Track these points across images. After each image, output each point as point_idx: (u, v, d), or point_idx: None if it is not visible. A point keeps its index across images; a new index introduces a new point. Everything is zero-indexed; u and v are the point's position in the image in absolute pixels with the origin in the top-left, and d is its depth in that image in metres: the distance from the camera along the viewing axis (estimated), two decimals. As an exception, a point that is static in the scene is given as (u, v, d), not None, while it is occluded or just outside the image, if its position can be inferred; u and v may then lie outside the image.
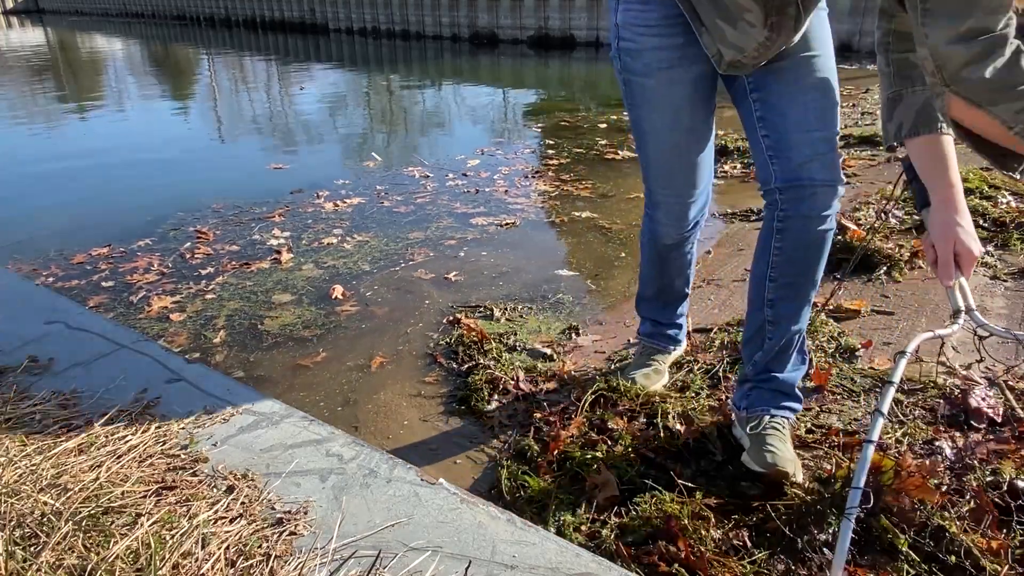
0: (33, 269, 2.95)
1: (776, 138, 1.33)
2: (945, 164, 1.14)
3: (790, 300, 1.41)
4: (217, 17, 21.41)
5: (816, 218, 1.33)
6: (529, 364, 1.98)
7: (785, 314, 1.41)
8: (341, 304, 2.55)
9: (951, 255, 1.12)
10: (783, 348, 1.44)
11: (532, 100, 7.59)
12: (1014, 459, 1.34)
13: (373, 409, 1.88)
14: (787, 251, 1.36)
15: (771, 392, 1.47)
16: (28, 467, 1.26)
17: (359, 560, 1.11)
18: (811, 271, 1.38)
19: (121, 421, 1.47)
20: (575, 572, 1.08)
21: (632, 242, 3.02)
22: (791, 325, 1.42)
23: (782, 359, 1.46)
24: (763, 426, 1.43)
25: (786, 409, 1.47)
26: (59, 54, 14.63)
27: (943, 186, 1.14)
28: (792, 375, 1.48)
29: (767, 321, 1.44)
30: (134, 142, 5.77)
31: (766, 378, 1.47)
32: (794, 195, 1.32)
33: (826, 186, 1.30)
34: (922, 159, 1.18)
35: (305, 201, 3.83)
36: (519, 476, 1.48)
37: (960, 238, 1.11)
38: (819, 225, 1.33)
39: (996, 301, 2.04)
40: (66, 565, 1.03)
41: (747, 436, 1.43)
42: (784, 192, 1.33)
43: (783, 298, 1.40)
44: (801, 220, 1.33)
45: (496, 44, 13.19)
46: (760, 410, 1.46)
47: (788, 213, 1.34)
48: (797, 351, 1.47)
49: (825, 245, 1.36)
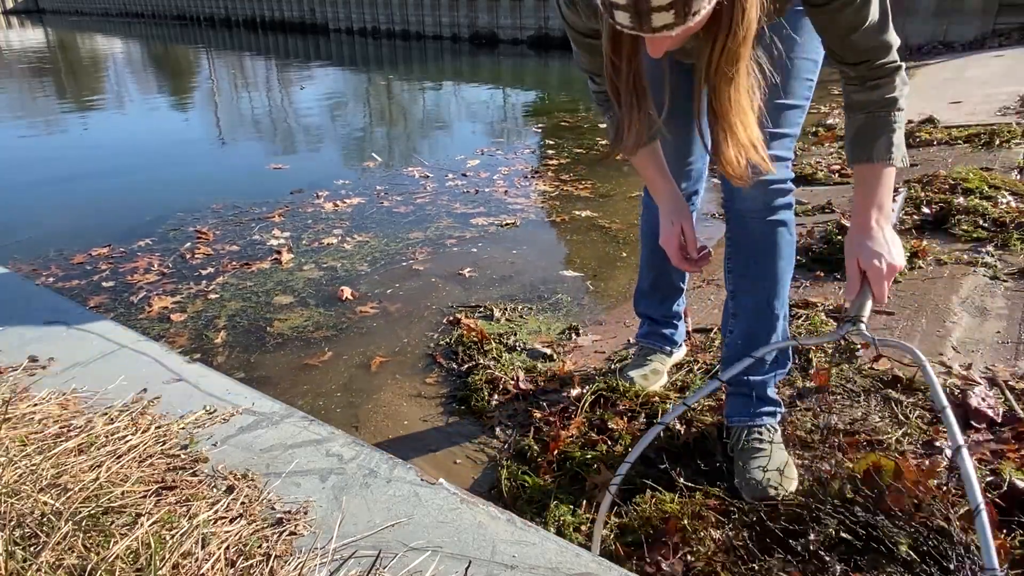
0: (33, 269, 2.95)
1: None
2: (860, 189, 1.20)
3: (747, 292, 1.42)
4: (217, 17, 21.41)
5: (749, 214, 1.36)
6: (529, 364, 1.98)
7: (745, 307, 1.43)
8: (342, 304, 2.55)
9: (856, 271, 1.17)
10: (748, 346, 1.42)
11: (532, 100, 7.59)
12: (1014, 459, 1.34)
13: (373, 409, 1.88)
14: (734, 241, 1.42)
15: (743, 398, 1.47)
16: (28, 467, 1.26)
17: (359, 560, 1.11)
18: (762, 264, 1.39)
19: (121, 421, 1.47)
20: (575, 572, 1.08)
21: (632, 242, 3.02)
22: (754, 321, 1.42)
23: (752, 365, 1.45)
24: (742, 444, 1.43)
25: (763, 416, 1.46)
26: (59, 54, 14.63)
27: (856, 210, 1.21)
28: (763, 378, 1.46)
29: (731, 314, 1.47)
30: (134, 142, 5.77)
31: (738, 380, 1.46)
32: (726, 188, 1.38)
33: (753, 183, 1.29)
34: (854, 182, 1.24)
35: (305, 201, 3.83)
36: (519, 476, 1.48)
37: (862, 256, 1.16)
38: (756, 221, 1.35)
39: (996, 301, 2.04)
40: (66, 565, 1.03)
41: (733, 453, 1.44)
42: (722, 183, 1.38)
43: (741, 290, 1.44)
44: (736, 214, 1.39)
45: (496, 44, 13.19)
46: (737, 421, 1.46)
47: (727, 207, 1.41)
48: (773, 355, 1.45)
49: (772, 241, 1.37)
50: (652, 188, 1.42)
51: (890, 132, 1.14)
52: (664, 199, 1.39)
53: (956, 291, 2.12)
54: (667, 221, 1.39)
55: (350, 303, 2.56)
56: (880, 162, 1.16)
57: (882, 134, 1.15)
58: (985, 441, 1.42)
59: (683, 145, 1.55)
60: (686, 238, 1.38)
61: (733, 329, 1.47)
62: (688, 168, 1.60)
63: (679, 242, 1.38)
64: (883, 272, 1.14)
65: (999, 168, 3.13)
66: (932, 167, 3.30)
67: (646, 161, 1.38)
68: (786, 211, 1.37)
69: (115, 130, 6.33)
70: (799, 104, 1.34)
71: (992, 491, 1.25)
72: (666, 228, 1.39)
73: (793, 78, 1.31)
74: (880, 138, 1.15)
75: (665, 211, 1.39)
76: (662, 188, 1.39)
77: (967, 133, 3.80)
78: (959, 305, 2.04)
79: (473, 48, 12.97)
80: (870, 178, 1.18)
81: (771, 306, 1.41)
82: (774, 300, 1.41)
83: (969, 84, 5.46)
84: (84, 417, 1.49)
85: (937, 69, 6.51)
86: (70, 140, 5.91)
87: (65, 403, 1.55)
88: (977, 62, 6.60)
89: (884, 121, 1.15)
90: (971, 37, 7.86)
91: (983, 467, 1.33)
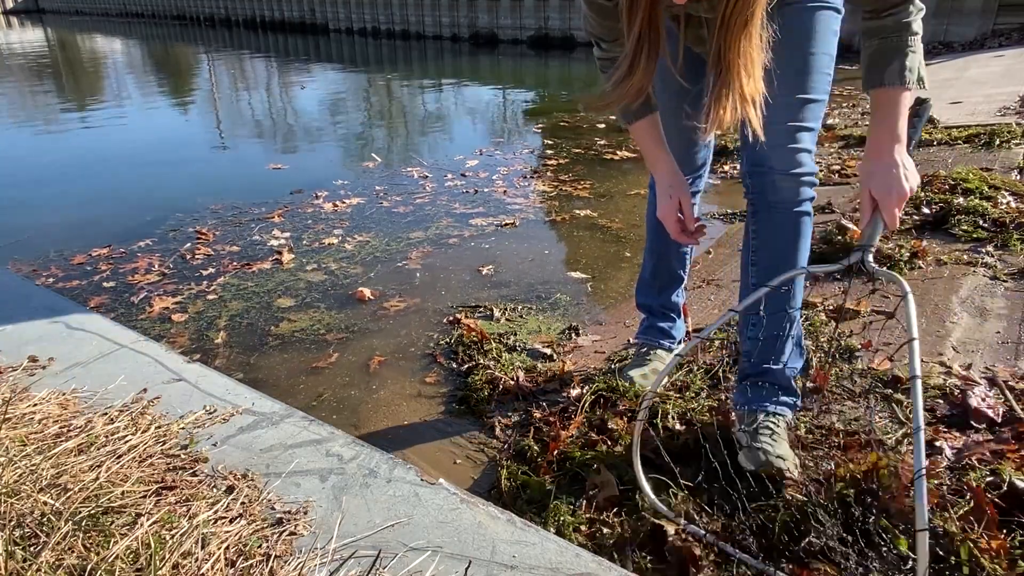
0: (33, 270, 2.95)
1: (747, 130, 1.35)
2: (875, 115, 1.21)
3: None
4: (217, 17, 21.41)
5: (779, 205, 1.36)
6: (529, 364, 1.98)
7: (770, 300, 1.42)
8: (343, 304, 2.55)
9: (868, 198, 1.20)
10: (773, 337, 1.44)
11: (531, 100, 7.59)
12: (1014, 459, 1.34)
13: (373, 409, 1.88)
14: (762, 235, 1.42)
15: (767, 386, 1.47)
16: (28, 467, 1.26)
17: (359, 560, 1.11)
18: (789, 257, 1.40)
19: (121, 421, 1.47)
20: (575, 572, 1.08)
21: (632, 241, 3.02)
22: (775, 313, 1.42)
23: (775, 349, 1.46)
24: (757, 424, 1.43)
25: (782, 405, 1.47)
26: (59, 54, 14.63)
27: (870, 136, 1.22)
28: (787, 368, 1.47)
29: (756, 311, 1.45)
30: (133, 142, 5.77)
31: (762, 371, 1.47)
32: (757, 181, 1.38)
33: (784, 175, 1.32)
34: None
35: (305, 201, 3.83)
36: (519, 476, 1.48)
37: (872, 184, 1.18)
38: (785, 212, 1.36)
39: (996, 301, 2.04)
40: (66, 565, 1.03)
41: (743, 434, 1.43)
42: (750, 177, 1.38)
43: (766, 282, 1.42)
44: (765, 206, 1.38)
45: (496, 44, 13.19)
46: (755, 407, 1.46)
47: (754, 199, 1.41)
48: (794, 343, 1.47)
49: (799, 231, 1.38)
50: (650, 161, 1.44)
51: (903, 56, 1.15)
52: (662, 172, 1.40)
53: (956, 291, 2.12)
54: (665, 195, 1.40)
55: (351, 303, 2.56)
56: (893, 87, 1.17)
57: (895, 58, 1.16)
58: (985, 441, 1.42)
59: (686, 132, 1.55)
60: (683, 212, 1.39)
61: (756, 323, 1.46)
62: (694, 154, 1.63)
63: (676, 215, 1.39)
64: (893, 200, 1.17)
65: (999, 168, 3.13)
66: (932, 167, 3.30)
67: (645, 132, 1.39)
68: (811, 203, 1.40)
69: (115, 130, 6.33)
70: (820, 99, 1.35)
71: (992, 491, 1.25)
72: (664, 202, 1.40)
73: (814, 72, 1.32)
74: (893, 62, 1.16)
75: (663, 185, 1.40)
76: (660, 161, 1.40)
77: (967, 133, 3.80)
78: (959, 305, 2.04)
79: (473, 48, 12.98)
80: (884, 103, 1.19)
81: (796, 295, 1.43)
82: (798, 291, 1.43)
83: (969, 84, 5.47)
84: (84, 417, 1.49)
85: (937, 69, 6.51)
86: (70, 140, 5.91)
87: (65, 403, 1.55)
88: (977, 62, 6.60)
89: (896, 45, 1.16)
90: (971, 37, 7.86)
91: (983, 467, 1.33)
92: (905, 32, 1.15)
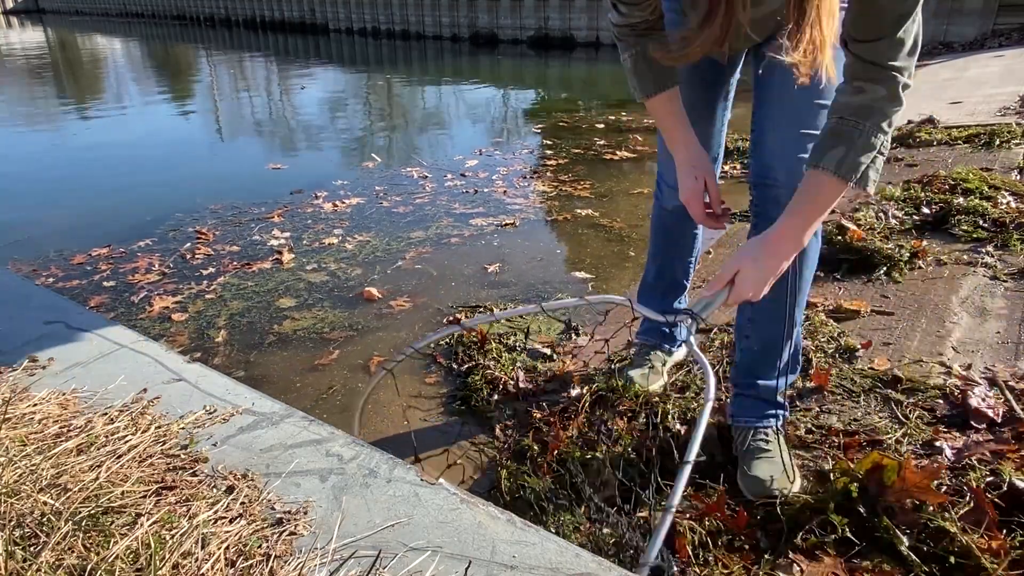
0: (33, 270, 2.95)
1: (757, 134, 1.33)
2: (796, 194, 1.14)
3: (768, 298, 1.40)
4: (217, 17, 21.40)
5: None
6: (529, 364, 1.98)
7: (765, 313, 1.39)
8: (343, 304, 2.55)
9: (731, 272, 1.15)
10: (764, 351, 1.42)
11: (531, 100, 7.59)
12: (1014, 459, 1.34)
13: (373, 409, 1.88)
14: None
15: (752, 400, 1.46)
16: (28, 467, 1.26)
17: (359, 560, 1.11)
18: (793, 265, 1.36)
19: (121, 421, 1.47)
20: (575, 572, 1.08)
21: (632, 241, 3.02)
22: (771, 327, 1.40)
23: (765, 364, 1.44)
24: (748, 444, 1.43)
25: (769, 418, 1.46)
26: (59, 54, 14.63)
27: (782, 216, 1.16)
28: (774, 383, 1.45)
29: (748, 319, 1.44)
30: (133, 142, 5.77)
31: (748, 383, 1.46)
32: (761, 193, 1.32)
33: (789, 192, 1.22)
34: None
35: (304, 201, 3.83)
36: (519, 476, 1.48)
37: (743, 266, 1.14)
38: None
39: (996, 301, 2.04)
40: (66, 565, 1.03)
41: (739, 454, 1.44)
42: (756, 188, 1.33)
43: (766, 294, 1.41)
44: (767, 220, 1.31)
45: (496, 44, 13.19)
46: (743, 422, 1.46)
47: (758, 210, 1.34)
48: (787, 358, 1.44)
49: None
50: (670, 138, 1.36)
51: (849, 145, 1.05)
52: (683, 149, 1.32)
53: (956, 291, 2.12)
54: (688, 176, 1.31)
55: (351, 302, 2.56)
56: (823, 171, 1.07)
57: (839, 144, 1.06)
58: (985, 441, 1.42)
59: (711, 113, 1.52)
60: (709, 193, 1.31)
61: (750, 334, 1.44)
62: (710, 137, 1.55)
63: (702, 197, 1.31)
64: (747, 293, 1.14)
65: (999, 168, 3.13)
66: (932, 167, 3.30)
67: (666, 108, 1.31)
68: None
69: (114, 130, 6.33)
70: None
71: (992, 491, 1.25)
72: (687, 183, 1.31)
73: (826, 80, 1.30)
74: (836, 147, 1.06)
75: (685, 165, 1.31)
76: (682, 138, 1.32)
77: (967, 133, 3.80)
78: (959, 305, 2.04)
79: (473, 48, 12.97)
80: (808, 185, 1.11)
81: (792, 311, 1.38)
82: (795, 307, 1.38)
83: (969, 84, 5.47)
84: (84, 417, 1.49)
85: (937, 69, 6.51)
86: (70, 140, 5.91)
87: (65, 403, 1.55)
88: (977, 62, 6.60)
89: (849, 130, 1.06)
90: (971, 37, 7.86)
91: (983, 467, 1.33)
92: (863, 119, 1.05)
